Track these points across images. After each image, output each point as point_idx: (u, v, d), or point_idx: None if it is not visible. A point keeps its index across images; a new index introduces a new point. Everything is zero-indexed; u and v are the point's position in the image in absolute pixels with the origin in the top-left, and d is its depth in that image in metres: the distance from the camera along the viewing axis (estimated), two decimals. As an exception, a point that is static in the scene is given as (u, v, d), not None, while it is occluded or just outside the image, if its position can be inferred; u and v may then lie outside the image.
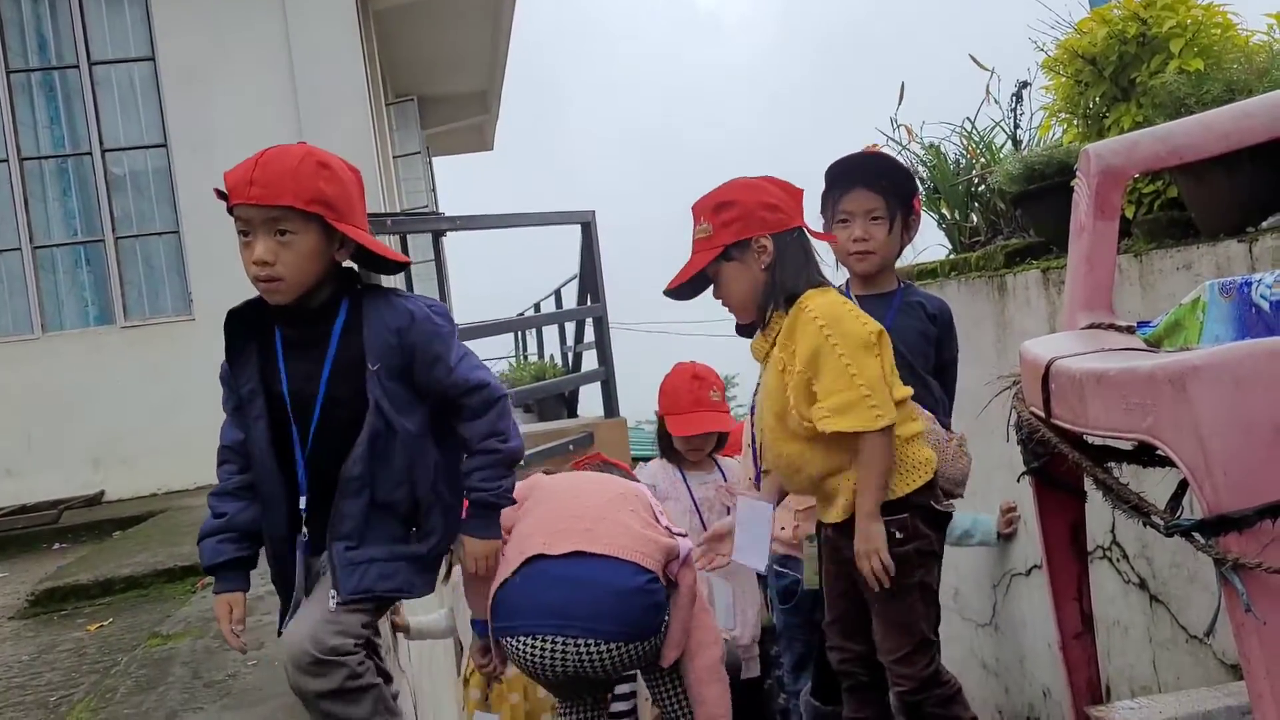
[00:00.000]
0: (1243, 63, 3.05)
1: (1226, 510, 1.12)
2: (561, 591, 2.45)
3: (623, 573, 2.47)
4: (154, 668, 2.90)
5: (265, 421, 2.25)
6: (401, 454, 2.17)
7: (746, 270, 2.51)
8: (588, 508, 2.67)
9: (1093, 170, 1.80)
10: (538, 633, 2.44)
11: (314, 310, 2.21)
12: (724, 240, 2.48)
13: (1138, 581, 3.28)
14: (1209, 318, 1.44)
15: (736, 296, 2.56)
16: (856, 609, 2.55)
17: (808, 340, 2.38)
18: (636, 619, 2.45)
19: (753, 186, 2.54)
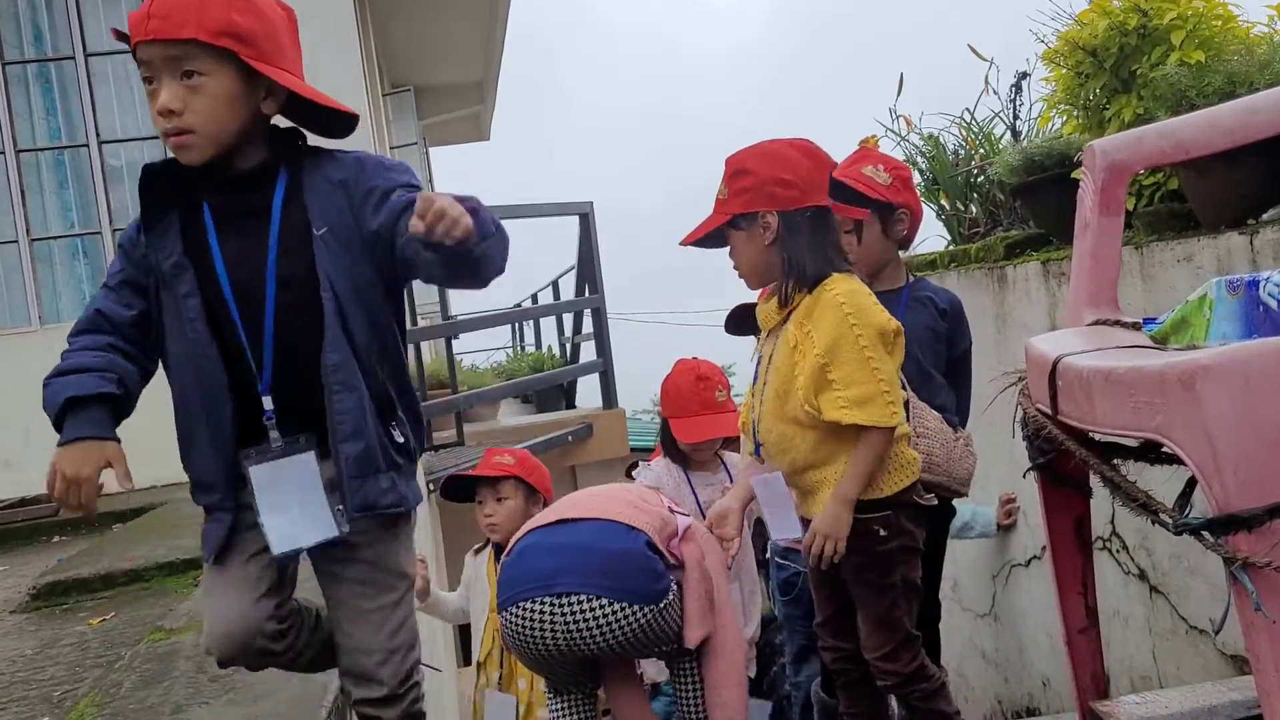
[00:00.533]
0: (1244, 55, 3.05)
1: (1236, 509, 1.12)
2: (554, 556, 2.40)
3: (613, 532, 2.42)
4: (158, 662, 2.90)
5: (199, 301, 1.90)
6: (370, 335, 1.92)
7: (752, 242, 2.47)
8: (576, 495, 2.70)
9: (1098, 166, 1.80)
10: (527, 597, 2.36)
11: (246, 176, 1.91)
12: (732, 209, 2.45)
13: (1137, 573, 3.30)
14: (1216, 315, 1.44)
15: (743, 265, 2.53)
16: (844, 608, 2.54)
17: (830, 326, 2.34)
18: (629, 577, 2.36)
19: (774, 156, 2.46)
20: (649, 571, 2.38)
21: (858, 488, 2.35)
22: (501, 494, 3.45)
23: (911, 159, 5.11)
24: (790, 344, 2.41)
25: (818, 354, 2.32)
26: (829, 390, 2.31)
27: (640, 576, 2.37)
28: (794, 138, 2.54)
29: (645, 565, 2.38)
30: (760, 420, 2.50)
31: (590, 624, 2.32)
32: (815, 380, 2.33)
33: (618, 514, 2.47)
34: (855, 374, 2.29)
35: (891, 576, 2.43)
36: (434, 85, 11.94)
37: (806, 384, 2.34)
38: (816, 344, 2.34)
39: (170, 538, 4.68)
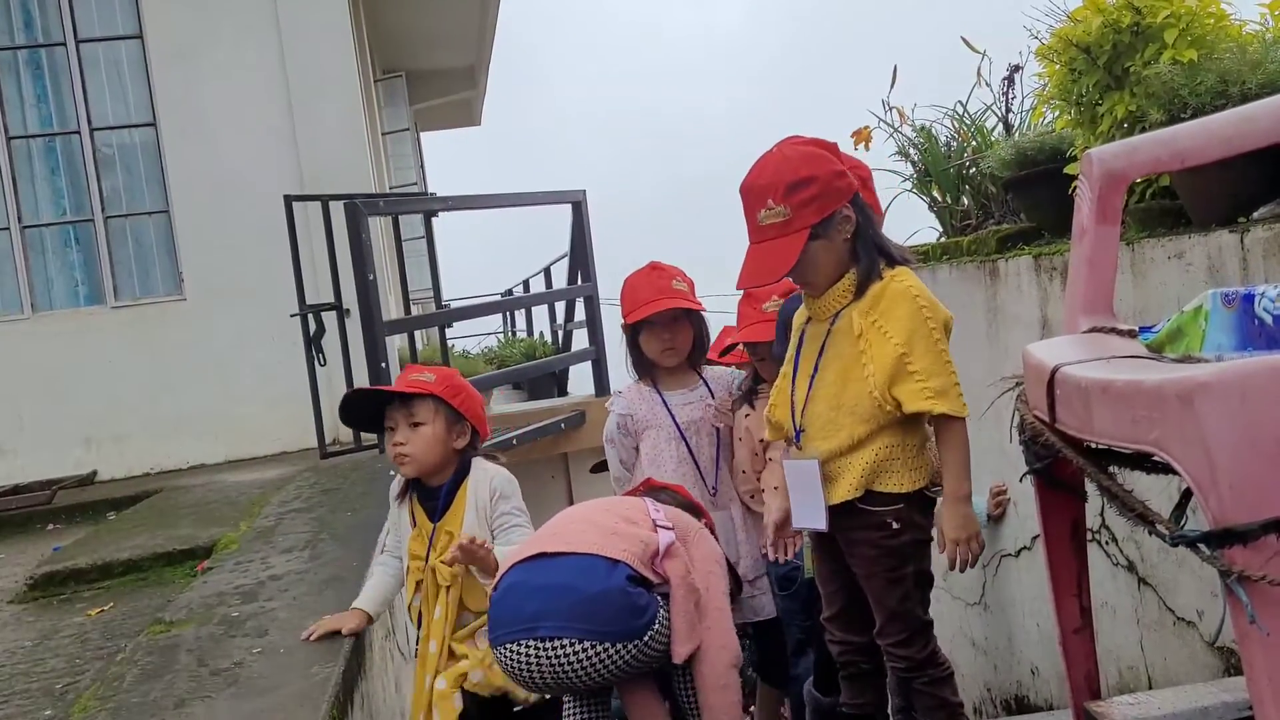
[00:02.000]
0: (1236, 53, 3.07)
1: (1232, 524, 1.15)
2: (536, 598, 2.45)
3: (594, 570, 2.46)
4: (160, 655, 2.93)
5: None
6: None
7: (832, 245, 2.42)
8: (560, 521, 2.72)
9: (1095, 174, 1.83)
10: (513, 639, 2.44)
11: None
12: (809, 221, 2.36)
13: (1126, 564, 3.34)
14: (1211, 326, 1.47)
15: (824, 273, 2.46)
16: (855, 600, 2.57)
17: (906, 317, 2.34)
18: (611, 619, 2.42)
19: (814, 156, 2.42)
20: (630, 609, 2.45)
21: (965, 482, 2.41)
22: (417, 417, 2.90)
23: (904, 150, 5.13)
24: (855, 332, 2.40)
25: (897, 343, 2.33)
26: (909, 381, 2.32)
27: (622, 615, 2.44)
28: (792, 138, 2.53)
29: (625, 603, 2.44)
30: (809, 405, 2.49)
31: (574, 665, 2.41)
32: (892, 371, 2.33)
33: (599, 545, 2.51)
34: (934, 365, 2.33)
35: (905, 568, 2.47)
36: (426, 70, 11.90)
37: (880, 374, 2.34)
38: (894, 334, 2.34)
39: (167, 527, 4.71)
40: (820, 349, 2.49)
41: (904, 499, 2.44)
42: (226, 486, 5.71)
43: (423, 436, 2.88)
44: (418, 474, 2.92)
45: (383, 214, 6.83)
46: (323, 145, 6.84)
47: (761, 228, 2.38)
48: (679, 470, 3.33)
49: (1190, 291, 2.79)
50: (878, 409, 2.38)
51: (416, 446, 2.87)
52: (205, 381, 6.77)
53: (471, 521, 2.89)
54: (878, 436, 2.41)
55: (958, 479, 2.39)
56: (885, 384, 2.35)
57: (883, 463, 2.43)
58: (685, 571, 2.59)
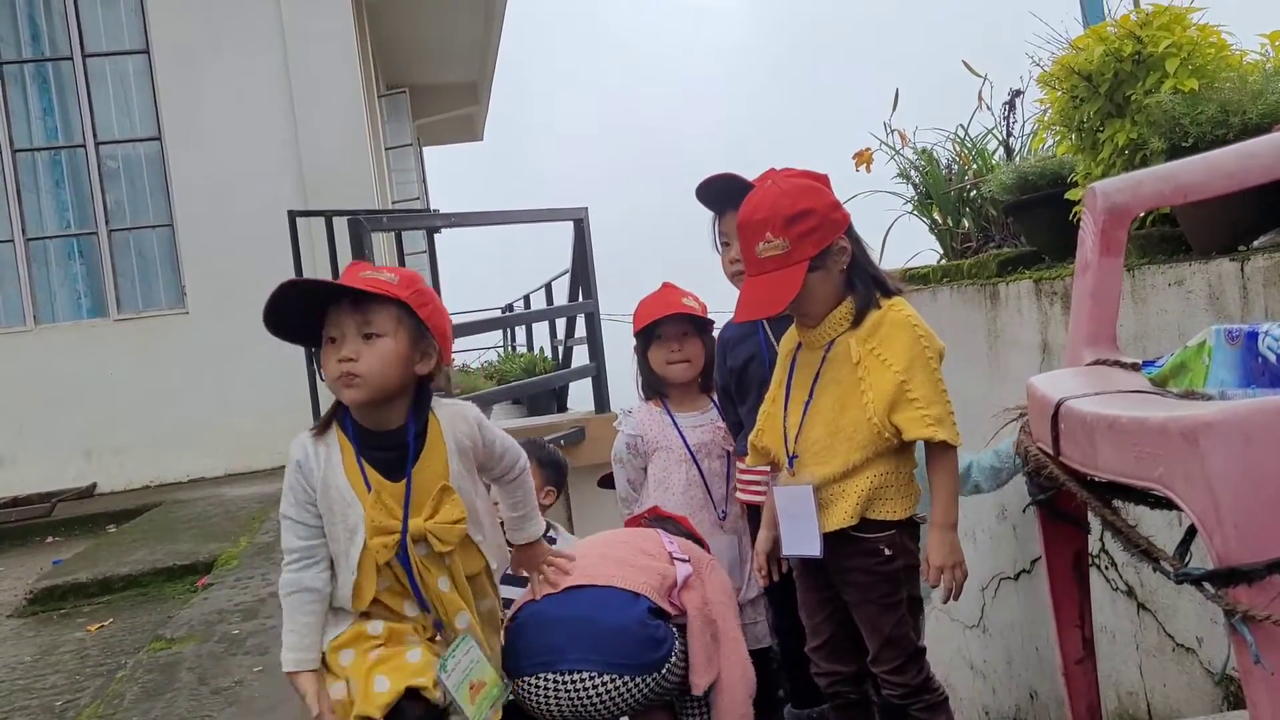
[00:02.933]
0: (1236, 83, 3.09)
1: (1236, 563, 1.16)
2: (557, 630, 2.47)
3: (614, 602, 2.50)
4: (160, 673, 2.93)
5: None
6: None
7: (829, 276, 2.45)
8: (579, 552, 2.71)
9: (1099, 208, 1.84)
10: (534, 672, 2.46)
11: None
12: (808, 253, 2.38)
13: (1125, 589, 3.34)
14: (1214, 362, 1.48)
15: (822, 303, 2.48)
16: (843, 629, 2.57)
17: (905, 346, 2.37)
18: (631, 652, 2.46)
19: (810, 188, 2.46)
20: (650, 641, 2.48)
21: (954, 509, 2.42)
22: (373, 326, 2.16)
23: (905, 172, 5.15)
24: (854, 359, 2.42)
25: (897, 371, 2.35)
26: (910, 408, 2.34)
27: (642, 649, 2.47)
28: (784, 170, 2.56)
29: (645, 635, 2.47)
30: (804, 431, 2.50)
31: (595, 698, 2.44)
32: (892, 398, 2.35)
33: (619, 578, 2.53)
34: (932, 393, 2.35)
35: (899, 594, 2.47)
36: (429, 85, 11.95)
37: (880, 401, 2.36)
38: (893, 362, 2.37)
39: (167, 542, 4.71)
40: (815, 375, 2.50)
41: (896, 525, 2.45)
42: (226, 500, 5.71)
43: (379, 352, 2.15)
44: (368, 400, 2.19)
45: (386, 230, 6.85)
46: (326, 160, 6.87)
47: (760, 260, 2.40)
48: (687, 493, 3.30)
49: (1190, 319, 2.81)
50: (875, 436, 2.39)
51: (371, 364, 2.14)
52: (206, 394, 6.78)
53: (457, 469, 2.27)
54: (873, 464, 2.42)
55: (947, 507, 2.41)
56: (885, 411, 2.36)
57: (877, 490, 2.44)
58: (702, 603, 2.62)
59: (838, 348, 2.47)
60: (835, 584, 2.54)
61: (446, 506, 2.21)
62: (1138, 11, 3.35)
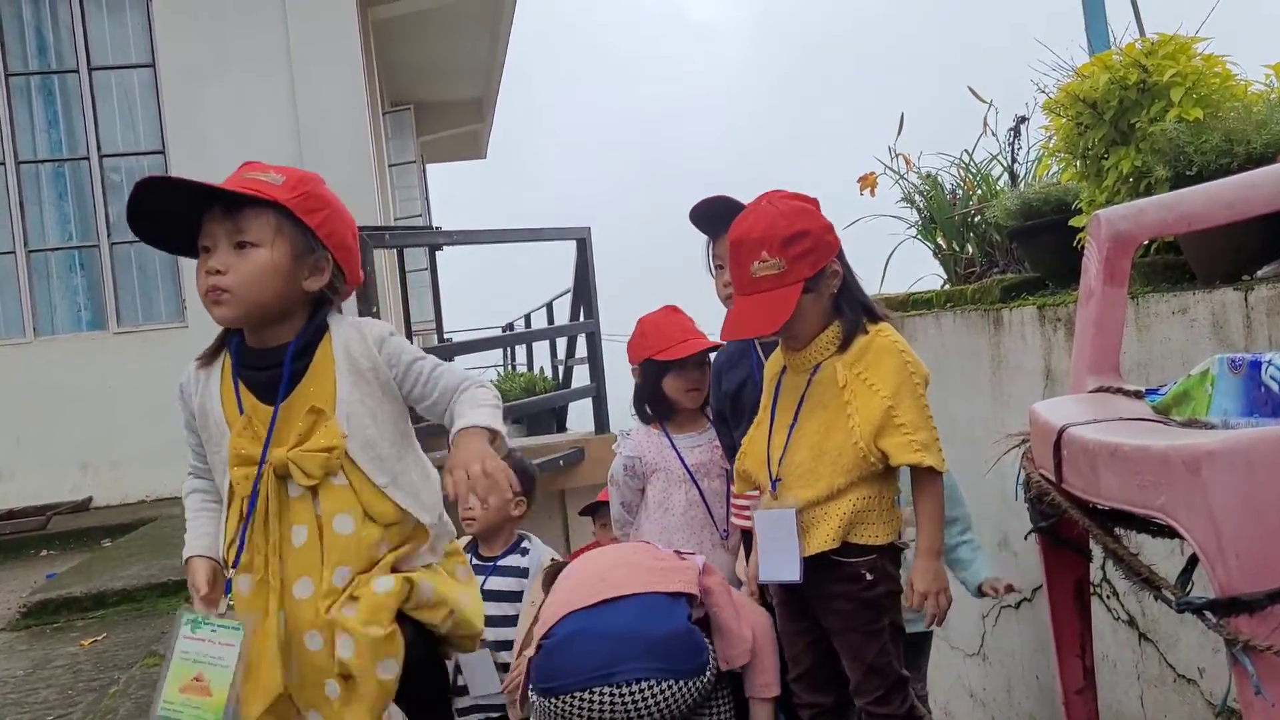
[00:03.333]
0: (1241, 113, 3.10)
1: (1238, 592, 1.15)
2: (606, 644, 2.45)
3: (657, 608, 2.50)
4: (153, 689, 2.89)
5: None
6: None
7: (820, 299, 2.45)
8: (599, 566, 2.71)
9: (1103, 235, 1.84)
10: (588, 686, 2.42)
11: None
12: (804, 275, 2.38)
13: (1127, 619, 3.32)
14: (1217, 391, 1.47)
15: (811, 325, 2.47)
16: (824, 660, 2.54)
17: (892, 371, 2.37)
18: (682, 656, 2.46)
19: (805, 212, 2.46)
20: (695, 645, 2.50)
21: (939, 536, 2.42)
22: (246, 234, 1.96)
23: (910, 197, 5.16)
24: (840, 383, 2.41)
25: (884, 396, 2.36)
26: (896, 434, 2.34)
27: (691, 653, 2.49)
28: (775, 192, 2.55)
29: (691, 641, 2.49)
30: (788, 454, 2.48)
31: (654, 705, 2.42)
32: (879, 423, 2.35)
33: (657, 583, 2.55)
34: (919, 419, 2.36)
35: (881, 620, 2.45)
36: (434, 103, 12.00)
37: (866, 425, 2.35)
38: (881, 388, 2.37)
39: (162, 556, 4.69)
40: (800, 399, 2.49)
41: (877, 550, 2.43)
42: (223, 516, 5.69)
43: (252, 263, 1.94)
44: (239, 319, 2.00)
45: (389, 247, 6.86)
46: (329, 178, 6.77)
47: (755, 279, 2.39)
48: (688, 514, 3.29)
49: (1194, 347, 2.80)
50: (861, 460, 2.38)
51: (240, 277, 1.94)
52: (205, 409, 6.76)
53: (348, 390, 1.99)
54: (856, 488, 2.41)
55: (932, 534, 2.40)
56: (871, 436, 2.35)
57: (859, 514, 2.43)
58: (721, 579, 2.68)
59: (824, 372, 2.47)
60: (816, 612, 2.52)
61: (318, 433, 1.91)
62: (1143, 40, 3.36)
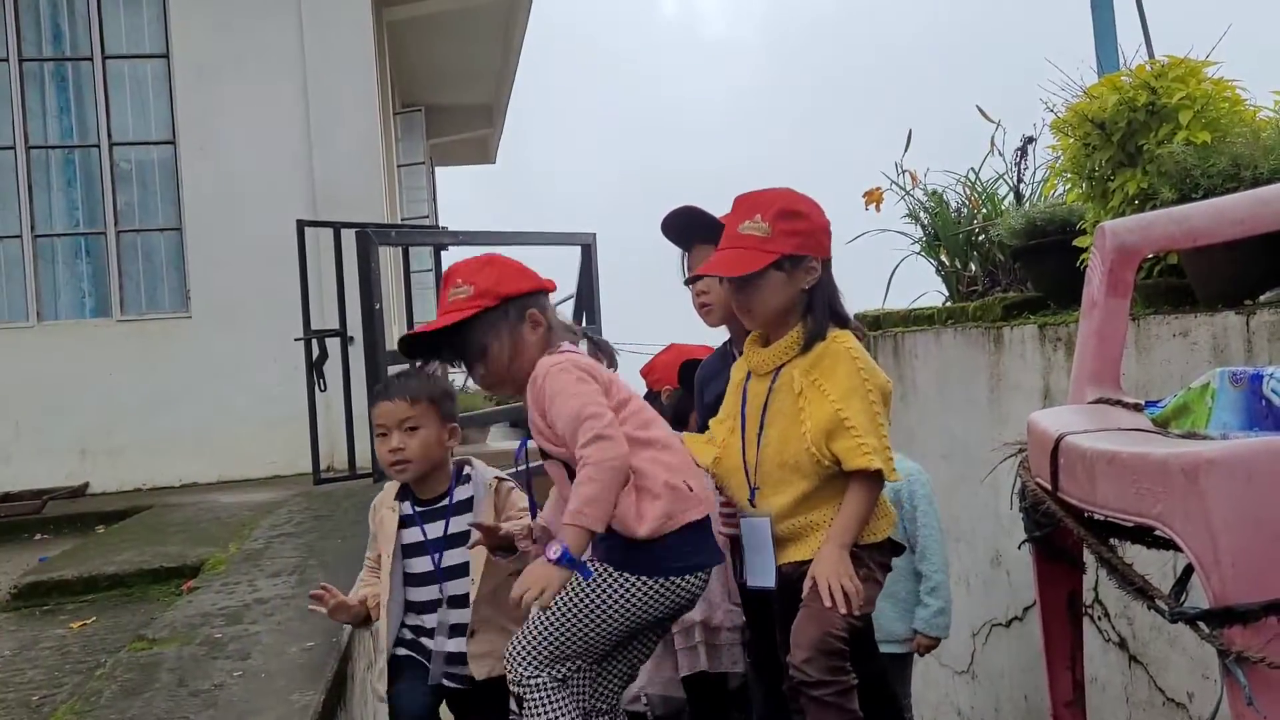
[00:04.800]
0: (1249, 138, 3.10)
1: (1233, 603, 1.14)
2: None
3: None
4: (140, 673, 2.90)
5: None
6: None
7: (790, 286, 2.42)
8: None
9: (1108, 248, 1.84)
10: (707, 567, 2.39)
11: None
12: (781, 249, 2.37)
13: (1118, 640, 3.32)
14: (1218, 405, 1.47)
15: (769, 307, 2.45)
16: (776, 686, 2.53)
17: (844, 377, 2.36)
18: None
19: (813, 203, 2.48)
20: None
21: (854, 533, 2.37)
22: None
23: (915, 213, 5.17)
24: (796, 390, 2.41)
25: (833, 400, 2.34)
26: (846, 437, 2.32)
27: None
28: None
29: None
30: (760, 463, 2.48)
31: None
32: (828, 427, 2.34)
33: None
34: (869, 424, 2.33)
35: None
36: (445, 106, 12.02)
37: (816, 431, 2.34)
38: (831, 392, 2.36)
39: (155, 544, 4.68)
40: (764, 405, 2.48)
41: (865, 548, 2.43)
42: (218, 507, 5.69)
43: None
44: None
45: (394, 244, 6.86)
46: (338, 173, 6.90)
47: (740, 235, 2.40)
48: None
49: (1194, 369, 2.80)
50: (816, 464, 2.37)
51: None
52: (204, 400, 6.77)
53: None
54: (834, 494, 2.40)
55: (849, 529, 2.36)
56: (821, 439, 2.34)
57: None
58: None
59: (783, 377, 2.46)
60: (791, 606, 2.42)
61: None
62: (1153, 63, 3.36)
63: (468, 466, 2.91)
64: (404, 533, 2.78)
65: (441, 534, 2.77)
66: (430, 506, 2.82)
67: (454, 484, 2.84)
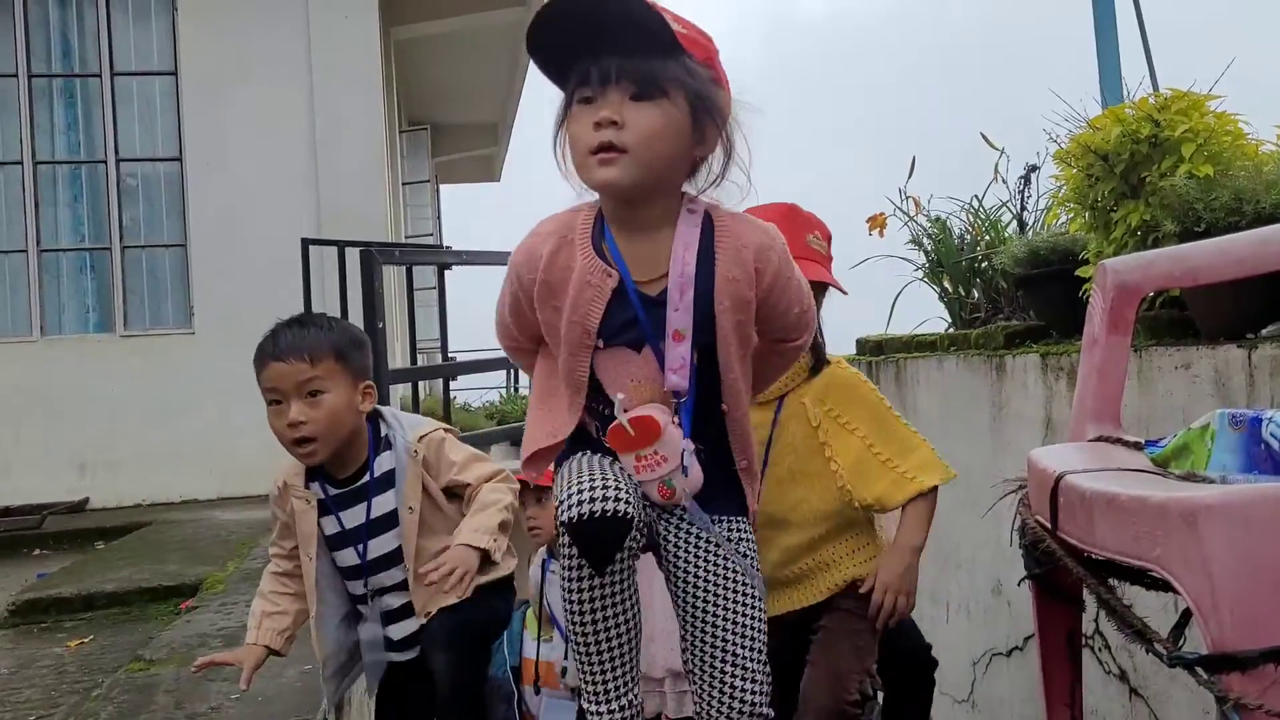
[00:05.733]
0: (1251, 172, 3.11)
1: (1230, 649, 1.14)
2: None
3: None
4: (136, 694, 2.89)
5: None
6: None
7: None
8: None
9: (1109, 285, 1.84)
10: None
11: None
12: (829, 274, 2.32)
13: (1118, 673, 3.30)
14: (1217, 446, 1.47)
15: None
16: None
17: (861, 403, 2.28)
18: None
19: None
20: None
21: (924, 534, 2.28)
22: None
23: (918, 239, 5.18)
24: (813, 423, 2.28)
25: (862, 435, 2.25)
26: (884, 474, 2.23)
27: None
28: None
29: None
30: (763, 504, 2.23)
31: None
32: (860, 466, 2.24)
33: None
34: (909, 440, 2.27)
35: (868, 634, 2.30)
36: (450, 124, 12.06)
37: (851, 473, 2.24)
38: (856, 425, 2.26)
39: (154, 561, 4.68)
40: (768, 439, 2.29)
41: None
42: (217, 524, 5.68)
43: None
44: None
45: (398, 263, 6.88)
46: (343, 191, 6.93)
47: (809, 247, 2.29)
48: None
49: (1195, 402, 2.80)
50: (844, 506, 2.26)
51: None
52: (206, 416, 6.77)
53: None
54: (837, 533, 2.31)
55: (918, 530, 2.26)
56: (858, 481, 2.24)
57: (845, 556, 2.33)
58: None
59: (790, 408, 2.30)
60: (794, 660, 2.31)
61: None
62: (1156, 95, 3.38)
63: (385, 425, 2.31)
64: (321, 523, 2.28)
65: (364, 519, 2.25)
66: (346, 488, 2.28)
67: (372, 453, 2.27)
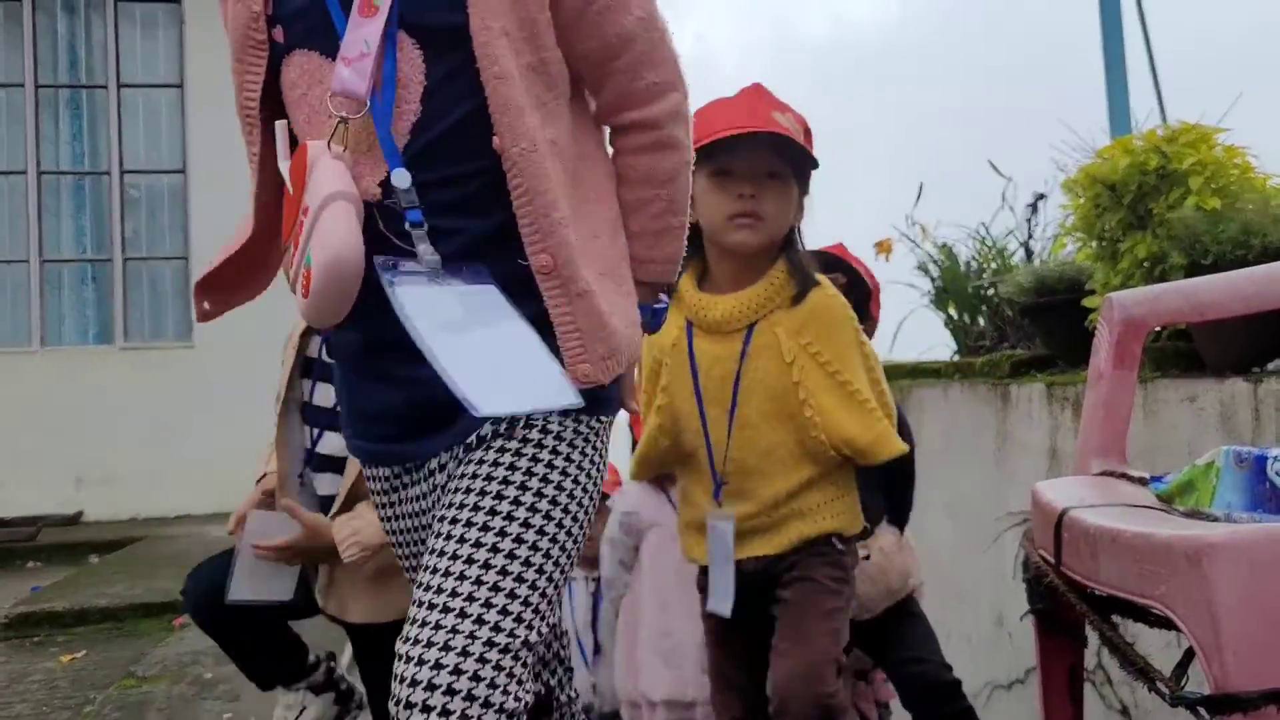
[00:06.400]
0: (1259, 205, 3.10)
1: (1233, 690, 1.13)
2: None
3: None
4: (128, 711, 2.87)
5: None
6: None
7: (790, 205, 2.03)
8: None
9: (1115, 319, 1.83)
10: None
11: None
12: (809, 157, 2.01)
13: (1120, 709, 3.27)
14: (1222, 484, 1.45)
15: (781, 224, 2.01)
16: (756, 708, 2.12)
17: (847, 345, 2.04)
18: None
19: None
20: None
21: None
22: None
23: (924, 265, 5.17)
24: (787, 359, 2.00)
25: (845, 380, 2.02)
26: (870, 421, 2.03)
27: None
28: None
29: None
30: (732, 449, 2.03)
31: None
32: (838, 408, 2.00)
33: None
34: (886, 404, 2.13)
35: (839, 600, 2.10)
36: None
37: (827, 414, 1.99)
38: (833, 363, 2.01)
39: (147, 577, 4.65)
40: (736, 375, 2.01)
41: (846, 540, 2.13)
42: (211, 540, 5.64)
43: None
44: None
45: (399, 281, 6.89)
46: (347, 205, 6.94)
47: (775, 122, 1.96)
48: (682, 569, 3.25)
49: (1201, 436, 2.78)
50: (821, 452, 2.01)
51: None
52: (203, 431, 6.75)
53: None
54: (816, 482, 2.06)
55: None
56: (834, 427, 2.00)
57: (821, 507, 2.06)
58: None
59: (761, 337, 2.00)
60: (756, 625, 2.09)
61: None
62: (1164, 127, 3.37)
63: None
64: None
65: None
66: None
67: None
